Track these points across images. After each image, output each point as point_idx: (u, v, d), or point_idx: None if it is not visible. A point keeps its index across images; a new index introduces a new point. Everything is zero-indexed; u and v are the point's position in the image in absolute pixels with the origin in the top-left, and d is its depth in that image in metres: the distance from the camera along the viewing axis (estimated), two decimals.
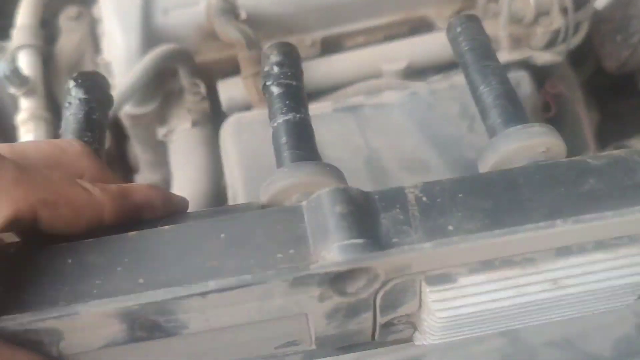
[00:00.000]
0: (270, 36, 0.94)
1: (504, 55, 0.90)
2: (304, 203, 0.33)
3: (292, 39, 0.95)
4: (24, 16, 0.92)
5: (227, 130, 0.79)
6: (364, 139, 0.81)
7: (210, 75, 0.93)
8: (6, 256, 0.32)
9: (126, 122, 0.91)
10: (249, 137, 0.78)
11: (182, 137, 0.88)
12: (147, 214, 0.35)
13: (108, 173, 0.38)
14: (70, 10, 1.05)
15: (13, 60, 0.88)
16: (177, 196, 0.38)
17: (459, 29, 0.45)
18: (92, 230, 0.33)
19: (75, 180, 0.34)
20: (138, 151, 0.99)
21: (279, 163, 0.39)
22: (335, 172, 0.36)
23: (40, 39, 0.92)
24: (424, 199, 0.33)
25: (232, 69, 0.94)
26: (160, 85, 0.90)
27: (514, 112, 0.40)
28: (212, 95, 0.92)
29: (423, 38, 0.95)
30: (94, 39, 1.04)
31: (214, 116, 0.94)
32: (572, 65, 1.15)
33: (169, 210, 0.37)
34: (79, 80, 0.42)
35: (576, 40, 0.96)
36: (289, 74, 0.42)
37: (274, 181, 0.36)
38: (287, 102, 0.40)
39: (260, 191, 0.39)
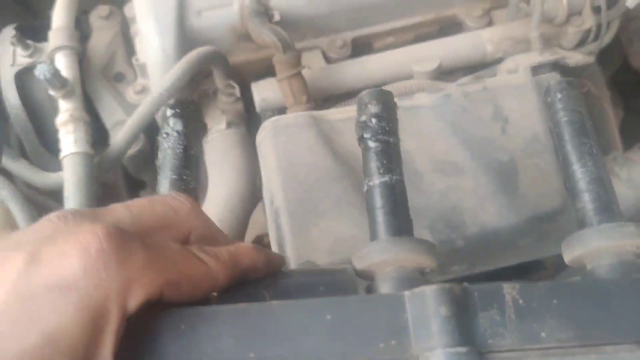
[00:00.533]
0: (301, 37, 0.95)
1: (535, 57, 0.90)
2: (407, 294, 0.34)
3: (324, 40, 0.96)
4: (59, 17, 0.93)
5: (264, 134, 0.80)
6: None
7: (242, 76, 0.95)
8: (128, 321, 0.33)
9: (161, 124, 0.92)
10: (286, 140, 0.79)
11: (217, 138, 0.90)
12: (251, 276, 0.38)
13: (213, 227, 0.39)
14: (102, 9, 1.06)
15: (52, 62, 0.89)
16: (276, 255, 0.40)
17: (559, 95, 0.45)
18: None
19: (192, 252, 0.35)
20: None
21: (374, 230, 0.40)
22: (431, 250, 0.38)
23: (75, 40, 0.94)
24: (521, 301, 0.34)
25: (264, 70, 0.95)
26: (194, 86, 0.91)
27: (608, 203, 0.41)
28: (245, 96, 0.94)
29: (453, 38, 0.96)
30: (125, 38, 1.06)
31: (247, 117, 0.95)
32: (597, 62, 1.16)
33: (270, 271, 0.39)
34: (178, 110, 0.42)
35: (607, 39, 0.96)
36: (387, 128, 0.43)
37: (370, 253, 0.38)
38: (385, 161, 0.41)
39: (354, 257, 0.40)
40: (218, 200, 0.86)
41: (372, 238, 0.41)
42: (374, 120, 0.43)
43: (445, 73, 0.98)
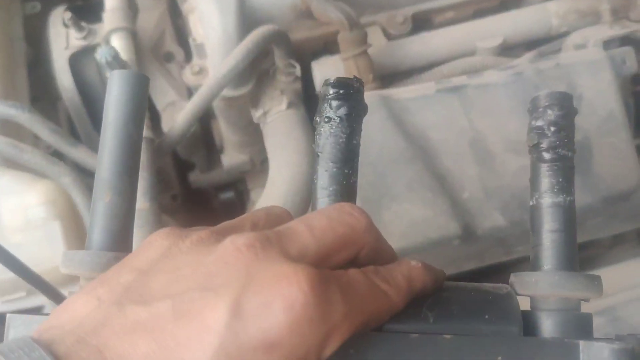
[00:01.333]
0: (360, 13, 0.92)
1: (605, 31, 0.87)
2: (581, 343, 0.33)
3: (383, 16, 0.93)
4: None
5: None
6: (469, 120, 0.80)
7: (300, 55, 0.92)
8: None
9: (220, 104, 0.90)
10: None
11: (277, 119, 0.88)
12: (419, 295, 0.36)
13: (381, 240, 0.37)
14: None
15: (108, 44, 0.87)
16: (440, 272, 0.38)
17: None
18: None
19: (376, 283, 0.33)
20: (227, 132, 0.99)
21: (539, 254, 0.38)
22: (598, 288, 0.37)
23: (130, 20, 0.91)
24: None
25: (322, 48, 0.93)
26: (255, 65, 0.89)
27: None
28: (305, 75, 0.91)
29: (517, 12, 0.93)
30: (172, 17, 1.03)
31: (306, 97, 0.93)
32: None
33: (435, 289, 0.37)
34: (342, 91, 0.39)
35: None
36: (566, 140, 0.40)
37: (539, 284, 0.37)
38: (560, 179, 0.39)
39: (516, 280, 0.39)
40: (281, 183, 0.84)
41: (535, 263, 0.39)
42: (552, 129, 0.39)
43: (508, 48, 0.95)
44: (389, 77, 0.91)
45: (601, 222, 0.87)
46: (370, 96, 0.79)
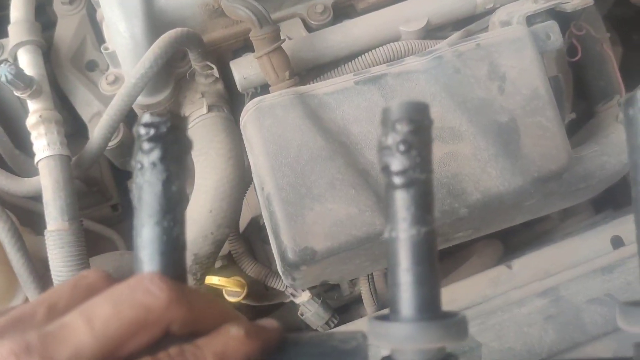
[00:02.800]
0: (278, 6, 0.89)
1: (530, 5, 0.84)
2: None
3: (302, 7, 0.90)
4: (17, 10, 0.87)
5: (248, 117, 0.75)
6: None
7: (220, 54, 0.89)
8: None
9: (139, 113, 0.87)
10: (271, 123, 0.74)
11: (199, 124, 0.85)
12: None
13: (199, 308, 0.33)
14: None
15: (15, 60, 0.83)
16: (272, 333, 0.35)
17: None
18: None
19: None
20: None
21: (395, 298, 0.34)
22: (463, 333, 0.35)
23: (38, 33, 0.87)
24: None
25: (243, 45, 0.90)
26: (170, 70, 0.86)
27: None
28: (225, 75, 0.88)
29: None
30: (94, 23, 0.99)
31: (229, 97, 0.90)
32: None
33: (267, 354, 0.34)
34: (153, 131, 0.34)
35: None
36: (419, 160, 0.36)
37: (390, 336, 0.34)
38: (413, 208, 0.35)
39: (371, 331, 0.36)
40: (207, 190, 0.82)
41: (392, 307, 0.35)
42: (402, 148, 0.34)
43: (435, 29, 0.92)
44: (314, 70, 0.88)
45: (538, 203, 0.85)
46: (285, 94, 0.76)
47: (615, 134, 0.91)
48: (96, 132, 0.81)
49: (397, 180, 0.35)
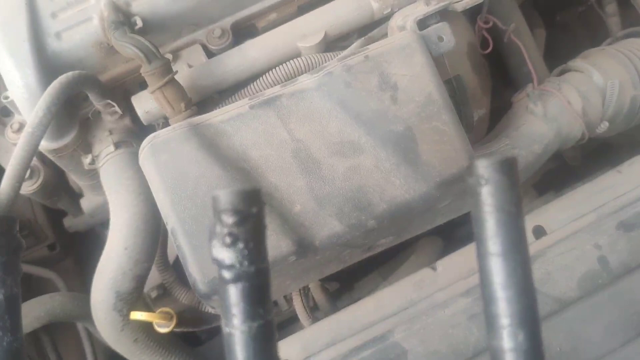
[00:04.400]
0: (177, 35, 0.89)
1: (421, 8, 0.84)
2: None
3: (201, 33, 0.90)
4: None
5: (144, 155, 0.75)
6: (287, 130, 0.78)
7: (126, 88, 0.89)
8: None
9: (49, 156, 0.88)
10: (167, 158, 0.75)
11: (108, 162, 0.85)
12: None
13: None
14: None
15: None
16: None
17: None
18: None
19: None
20: (75, 178, 0.96)
21: None
22: None
23: None
24: None
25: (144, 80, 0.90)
26: (73, 112, 0.86)
27: None
28: (133, 109, 0.88)
29: (336, 3, 0.89)
30: None
31: (140, 130, 0.90)
32: None
33: None
34: None
35: None
36: (248, 252, 0.33)
37: None
38: (243, 303, 0.34)
39: None
40: (120, 228, 0.82)
41: None
42: (228, 241, 0.33)
43: (339, 39, 0.92)
44: (216, 96, 0.88)
45: (453, 203, 0.85)
46: (178, 128, 0.76)
47: (526, 125, 0.91)
48: (3, 183, 0.81)
49: (226, 274, 0.34)
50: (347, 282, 1.15)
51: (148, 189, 0.85)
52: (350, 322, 0.87)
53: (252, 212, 0.35)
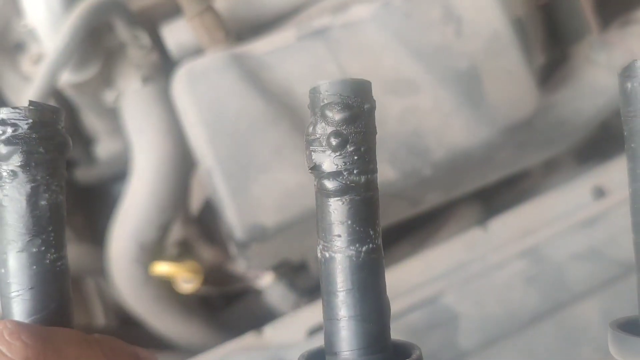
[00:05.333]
0: None
1: None
2: None
3: None
4: None
5: (179, 85, 0.68)
6: (338, 65, 0.70)
7: (152, 21, 0.81)
8: None
9: (69, 92, 0.80)
10: (205, 89, 0.67)
11: (134, 99, 0.78)
12: None
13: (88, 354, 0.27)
14: None
15: None
16: None
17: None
18: None
19: None
20: (93, 121, 0.88)
21: (331, 333, 0.28)
22: None
23: None
24: None
25: (176, 10, 0.82)
26: (98, 44, 0.78)
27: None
28: (160, 43, 0.81)
29: None
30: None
31: (166, 67, 0.82)
32: None
33: None
34: (8, 130, 0.28)
35: None
36: (358, 157, 0.28)
37: None
38: (350, 221, 0.28)
39: None
40: (145, 171, 0.75)
41: (329, 348, 0.29)
42: (334, 143, 0.27)
43: None
44: (256, 30, 0.80)
45: (511, 155, 0.79)
46: (219, 57, 0.69)
47: (589, 76, 0.84)
48: None
49: (329, 185, 0.27)
50: None
51: (177, 129, 0.77)
52: (394, 283, 0.79)
53: (364, 108, 0.29)
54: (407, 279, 0.80)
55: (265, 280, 0.85)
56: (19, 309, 0.29)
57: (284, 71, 0.70)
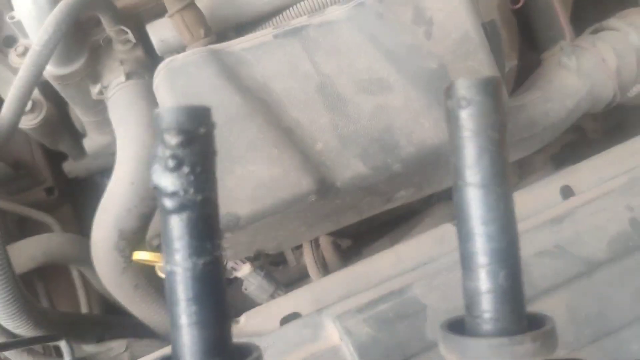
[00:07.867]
0: None
1: None
2: None
3: None
4: None
5: (160, 79, 0.70)
6: (313, 63, 0.73)
7: (139, 18, 0.84)
8: None
9: (55, 85, 0.82)
10: (184, 83, 0.70)
11: (118, 93, 0.80)
12: None
13: None
14: None
15: None
16: None
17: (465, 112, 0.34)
18: None
19: None
20: (79, 114, 0.91)
21: (177, 343, 0.30)
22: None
23: None
24: None
25: (161, 8, 0.84)
26: (83, 38, 0.81)
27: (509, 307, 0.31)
28: (146, 40, 0.83)
29: None
30: None
31: (152, 63, 0.85)
32: None
33: None
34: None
35: None
36: (193, 179, 0.30)
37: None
38: (188, 237, 0.30)
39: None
40: (127, 161, 0.77)
41: (174, 354, 0.31)
42: (171, 164, 0.29)
43: None
44: (238, 29, 0.83)
45: None
46: (197, 52, 0.71)
47: (559, 79, 0.87)
48: (4, 107, 0.76)
49: (168, 203, 0.29)
50: (356, 247, 1.10)
51: None
52: (365, 276, 0.82)
53: (199, 132, 0.31)
54: (378, 271, 0.82)
55: (243, 272, 0.88)
56: None
57: (261, 68, 0.72)
